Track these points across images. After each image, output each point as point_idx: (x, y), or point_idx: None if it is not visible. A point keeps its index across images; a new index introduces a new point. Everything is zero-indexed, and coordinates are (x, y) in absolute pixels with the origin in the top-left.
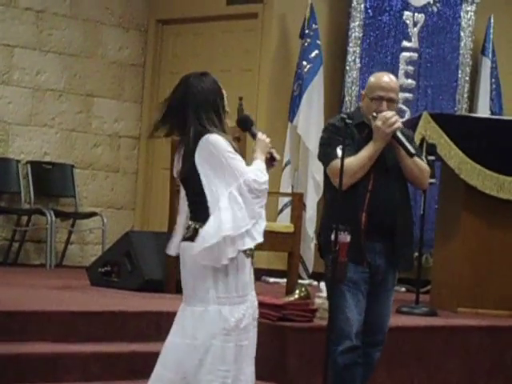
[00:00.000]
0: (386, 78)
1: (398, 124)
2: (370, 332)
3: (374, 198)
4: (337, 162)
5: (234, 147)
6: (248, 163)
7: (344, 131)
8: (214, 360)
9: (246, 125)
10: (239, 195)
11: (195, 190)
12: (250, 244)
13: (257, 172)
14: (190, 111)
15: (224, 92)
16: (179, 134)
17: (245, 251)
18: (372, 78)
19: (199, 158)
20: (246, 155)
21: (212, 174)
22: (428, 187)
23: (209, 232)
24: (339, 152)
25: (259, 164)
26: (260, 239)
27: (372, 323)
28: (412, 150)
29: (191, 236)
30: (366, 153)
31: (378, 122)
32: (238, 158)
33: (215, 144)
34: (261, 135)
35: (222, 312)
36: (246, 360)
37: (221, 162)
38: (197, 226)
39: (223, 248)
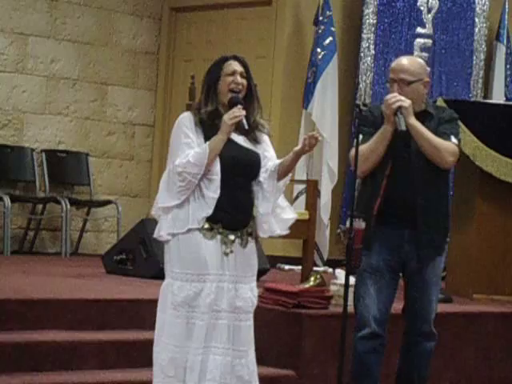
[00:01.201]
0: (402, 60)
1: (399, 103)
2: (413, 320)
3: (390, 184)
4: (352, 150)
5: (199, 126)
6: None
7: (360, 118)
8: (160, 332)
9: (230, 105)
10: (167, 174)
11: None
12: (178, 228)
13: (182, 156)
14: None
15: (226, 79)
16: None
17: (200, 231)
18: None
19: None
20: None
21: (169, 149)
22: (450, 165)
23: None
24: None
25: (202, 146)
26: (191, 226)
27: (414, 312)
28: (400, 126)
29: None
30: (375, 137)
31: (382, 107)
32: (187, 140)
33: (178, 122)
34: (226, 115)
35: (172, 286)
36: (207, 342)
37: (173, 140)
38: None
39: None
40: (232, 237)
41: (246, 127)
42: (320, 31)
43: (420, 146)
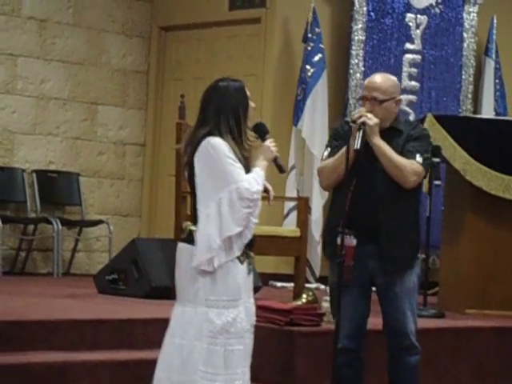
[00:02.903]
0: (375, 77)
1: (362, 119)
2: (392, 336)
3: (355, 199)
4: (319, 164)
5: (236, 155)
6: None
7: (332, 132)
8: (197, 361)
9: (262, 131)
10: (228, 202)
11: (193, 191)
12: (228, 256)
13: (251, 181)
14: (211, 112)
15: (251, 104)
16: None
17: (237, 257)
18: None
19: (198, 159)
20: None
21: (206, 176)
22: (413, 185)
23: (201, 249)
24: (325, 154)
25: (257, 172)
26: (236, 254)
27: (390, 327)
28: (355, 145)
29: (186, 237)
30: (340, 152)
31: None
32: (237, 165)
33: (215, 147)
34: (268, 142)
35: (208, 314)
36: (242, 365)
37: (217, 166)
38: (191, 228)
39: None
40: (252, 254)
41: (285, 169)
42: (309, 48)
43: (383, 164)
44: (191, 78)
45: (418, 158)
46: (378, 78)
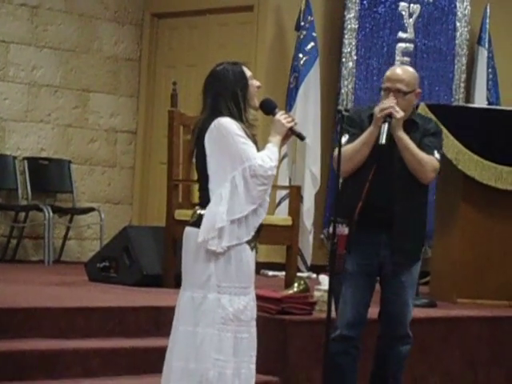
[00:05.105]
0: (397, 69)
1: (391, 110)
2: (388, 323)
3: (372, 188)
4: (336, 150)
5: (246, 133)
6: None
7: (342, 122)
8: (210, 348)
9: (268, 108)
10: (242, 180)
11: (203, 174)
12: (244, 237)
13: (264, 158)
14: (209, 98)
15: (253, 83)
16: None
17: (249, 243)
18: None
19: (208, 140)
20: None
21: (218, 156)
22: (430, 181)
23: (207, 227)
24: (344, 140)
25: (270, 148)
26: (252, 234)
27: (389, 314)
28: (381, 139)
29: (195, 221)
30: (361, 137)
31: (376, 109)
32: (249, 143)
33: (226, 126)
34: (279, 115)
35: (221, 301)
36: (249, 354)
37: (229, 144)
38: (201, 212)
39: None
40: (258, 244)
41: (304, 136)
42: (302, 36)
43: (404, 159)
44: (183, 65)
45: (436, 154)
46: (400, 70)
